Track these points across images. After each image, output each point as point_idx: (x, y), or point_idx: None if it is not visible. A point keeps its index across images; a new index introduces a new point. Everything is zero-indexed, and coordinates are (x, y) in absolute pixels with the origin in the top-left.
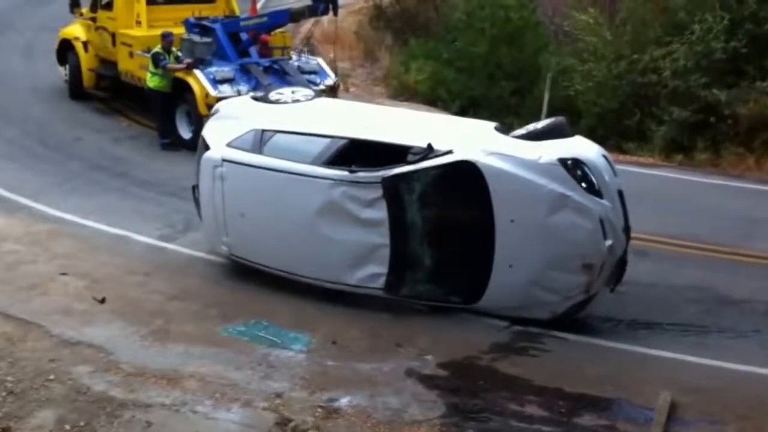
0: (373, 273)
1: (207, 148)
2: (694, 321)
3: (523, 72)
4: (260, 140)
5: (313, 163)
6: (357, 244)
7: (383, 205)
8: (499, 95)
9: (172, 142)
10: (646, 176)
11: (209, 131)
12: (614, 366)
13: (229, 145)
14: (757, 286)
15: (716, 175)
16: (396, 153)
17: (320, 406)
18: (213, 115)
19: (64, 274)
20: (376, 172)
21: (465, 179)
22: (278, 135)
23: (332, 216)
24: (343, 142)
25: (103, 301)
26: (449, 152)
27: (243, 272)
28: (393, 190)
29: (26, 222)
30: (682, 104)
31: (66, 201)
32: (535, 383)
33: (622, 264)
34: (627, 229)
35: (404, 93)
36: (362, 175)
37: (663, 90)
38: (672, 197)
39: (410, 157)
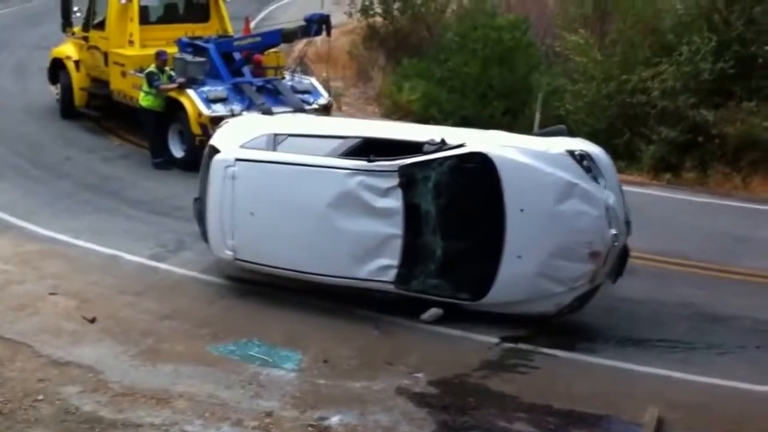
0: (384, 265)
1: (216, 152)
2: (682, 337)
3: (514, 92)
4: (273, 142)
5: (330, 156)
6: (370, 235)
7: (398, 194)
8: (491, 115)
9: (164, 162)
10: (635, 194)
11: (218, 139)
12: (603, 382)
13: (242, 146)
14: (743, 303)
15: (704, 193)
16: (409, 149)
17: (311, 425)
18: (221, 126)
19: (53, 293)
20: (394, 161)
21: (478, 169)
22: (291, 137)
23: (347, 207)
24: (356, 141)
25: (93, 320)
26: (461, 145)
27: (234, 291)
28: (409, 178)
29: (16, 242)
30: (671, 124)
31: (56, 220)
32: (524, 400)
33: (623, 256)
34: (628, 223)
35: (397, 112)
36: (380, 164)
37: (652, 110)
38: (660, 215)
39: (426, 147)
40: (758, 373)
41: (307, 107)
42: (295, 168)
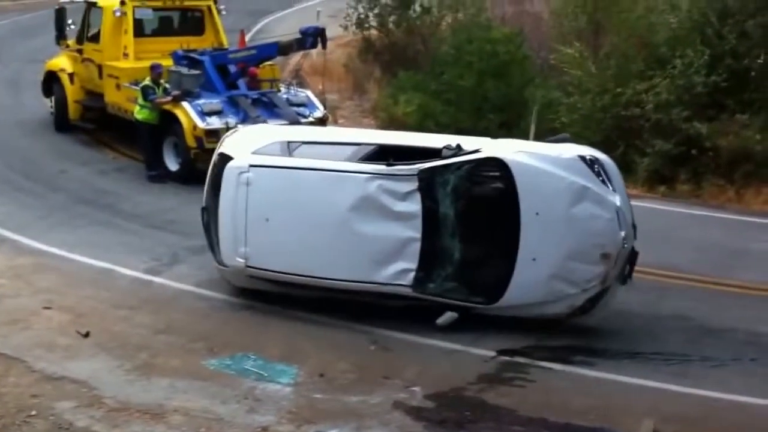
0: (402, 269)
1: (228, 159)
2: (677, 350)
3: (509, 105)
4: (287, 148)
5: (348, 161)
6: (388, 239)
7: (417, 197)
8: (486, 127)
9: (159, 175)
10: None
11: (228, 146)
12: (598, 395)
13: (255, 152)
14: (737, 316)
15: (698, 206)
16: (425, 155)
17: None
18: (228, 136)
19: (47, 308)
20: (413, 165)
21: (494, 174)
22: (304, 145)
23: (366, 211)
24: (371, 147)
25: (87, 335)
26: (476, 151)
27: (230, 305)
28: (428, 182)
29: (10, 255)
30: (665, 137)
31: (51, 234)
32: (520, 413)
33: (632, 259)
34: (634, 226)
35: (393, 125)
36: (399, 168)
37: (646, 123)
38: (655, 228)
39: (444, 152)
40: (754, 385)
41: (303, 120)
42: (313, 173)
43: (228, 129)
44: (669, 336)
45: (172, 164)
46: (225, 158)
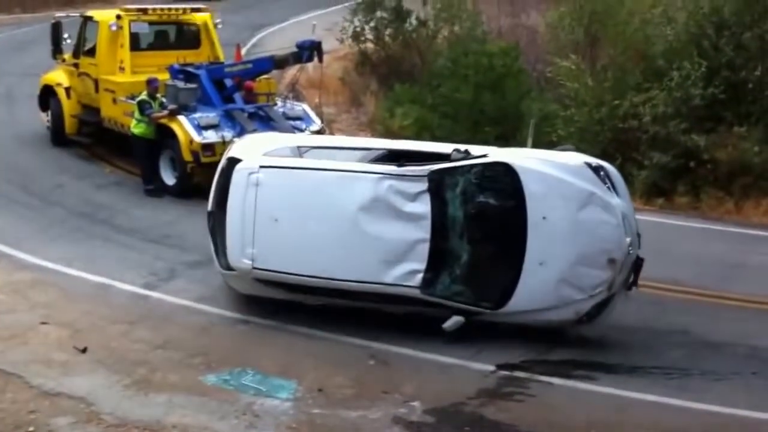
0: (411, 270)
1: (237, 161)
2: (677, 364)
3: (506, 118)
4: (298, 152)
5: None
6: (398, 239)
7: (427, 198)
8: (484, 141)
9: (155, 189)
10: None
11: (236, 151)
12: (598, 410)
13: (265, 154)
14: (737, 329)
15: (696, 218)
16: (435, 159)
17: None
18: (238, 142)
19: (44, 323)
20: (423, 166)
21: (501, 178)
22: (314, 149)
23: (376, 211)
24: (380, 151)
25: (84, 350)
26: (484, 156)
27: (228, 320)
28: (438, 183)
29: (7, 270)
30: (663, 149)
31: (48, 249)
32: (520, 428)
33: (637, 265)
34: (638, 234)
35: (390, 138)
36: (410, 168)
37: (643, 135)
38: (653, 241)
39: (454, 155)
40: (755, 399)
41: (299, 134)
42: (323, 173)
43: (224, 143)
44: (669, 350)
45: (169, 178)
46: (234, 161)
